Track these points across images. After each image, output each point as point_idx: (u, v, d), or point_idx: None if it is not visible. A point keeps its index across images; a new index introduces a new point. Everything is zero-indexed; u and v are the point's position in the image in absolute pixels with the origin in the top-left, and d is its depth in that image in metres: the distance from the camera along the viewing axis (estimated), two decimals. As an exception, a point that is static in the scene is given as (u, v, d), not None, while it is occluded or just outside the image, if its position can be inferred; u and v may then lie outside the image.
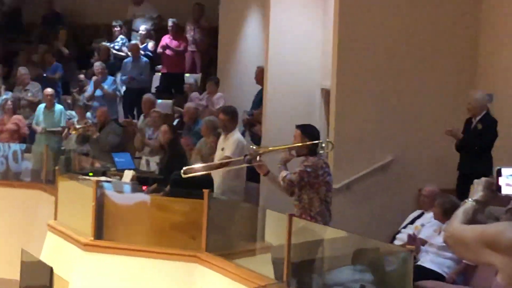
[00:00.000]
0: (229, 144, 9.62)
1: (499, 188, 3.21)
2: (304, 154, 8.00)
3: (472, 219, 3.15)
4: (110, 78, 15.07)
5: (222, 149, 9.73)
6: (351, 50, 9.90)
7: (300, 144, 7.99)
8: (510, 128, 8.85)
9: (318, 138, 8.06)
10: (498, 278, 2.93)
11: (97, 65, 15.18)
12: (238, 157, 9.65)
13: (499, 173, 3.21)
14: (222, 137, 9.89)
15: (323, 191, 7.91)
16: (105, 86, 14.81)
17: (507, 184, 3.19)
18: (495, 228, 2.97)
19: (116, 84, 15.22)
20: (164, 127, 10.58)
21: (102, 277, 8.46)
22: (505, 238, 2.88)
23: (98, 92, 14.80)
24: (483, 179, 3.26)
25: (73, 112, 14.39)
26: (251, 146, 8.14)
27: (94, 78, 15.04)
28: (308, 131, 8.08)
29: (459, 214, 3.17)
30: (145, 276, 8.27)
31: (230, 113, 9.89)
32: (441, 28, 10.03)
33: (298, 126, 8.22)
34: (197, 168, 9.18)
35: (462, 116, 9.34)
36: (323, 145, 8.10)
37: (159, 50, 16.01)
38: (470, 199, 3.22)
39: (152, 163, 11.12)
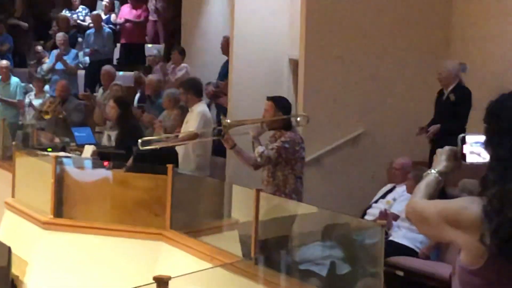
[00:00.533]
0: (192, 118, 9.40)
1: (463, 156, 3.01)
2: (277, 127, 7.71)
3: (435, 192, 2.99)
4: (72, 52, 14.66)
5: (187, 122, 9.51)
6: (319, 19, 9.68)
7: (275, 118, 7.68)
8: (484, 98, 8.61)
9: (290, 111, 7.81)
10: (461, 256, 2.78)
11: (60, 36, 14.75)
12: (204, 132, 9.43)
13: (463, 141, 3.02)
14: (189, 111, 9.65)
15: (299, 168, 7.70)
16: (67, 59, 14.39)
17: (472, 152, 3.01)
18: (457, 205, 2.80)
19: (79, 58, 14.81)
20: (111, 102, 10.32)
21: (62, 256, 8.28)
22: (467, 215, 2.72)
23: (59, 65, 14.37)
24: (446, 148, 3.06)
25: (30, 85, 14.04)
26: (223, 119, 7.76)
27: (55, 50, 14.61)
28: (281, 104, 7.80)
29: (421, 187, 3.00)
30: (108, 255, 8.11)
31: (189, 86, 9.66)
32: (413, -3, 9.84)
33: (270, 98, 7.92)
34: (157, 140, 8.95)
35: (435, 87, 9.14)
36: (299, 119, 7.85)
37: (119, 19, 15.67)
38: (433, 170, 3.03)
39: (113, 138, 10.83)
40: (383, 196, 8.82)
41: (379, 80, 9.70)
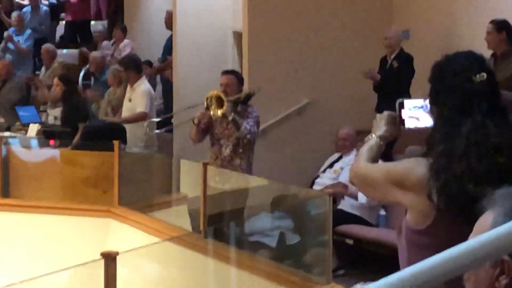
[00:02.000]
0: (137, 97, 9.27)
1: (402, 121, 3.05)
2: (239, 102, 7.55)
3: (377, 156, 3.02)
4: (27, 31, 14.13)
5: (130, 100, 9.40)
6: (261, -9, 9.62)
7: (246, 92, 7.56)
8: (426, 64, 8.67)
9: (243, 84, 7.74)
10: (407, 216, 2.81)
11: (14, 15, 14.34)
12: (151, 109, 9.32)
13: (401, 106, 3.06)
14: (128, 88, 9.53)
15: (254, 144, 7.64)
16: (20, 40, 14.01)
17: (411, 117, 3.05)
18: (402, 166, 2.87)
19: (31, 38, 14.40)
20: (55, 80, 10.21)
21: (11, 236, 8.18)
22: (413, 175, 2.76)
23: (11, 45, 14.01)
24: (385, 113, 3.09)
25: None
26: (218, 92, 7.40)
27: (11, 29, 14.18)
28: (241, 78, 7.72)
29: (364, 152, 3.02)
30: (57, 234, 8.05)
31: (128, 63, 9.54)
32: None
33: (228, 72, 7.76)
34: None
35: (379, 54, 9.18)
36: (255, 92, 7.75)
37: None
38: (373, 135, 3.05)
39: (50, 117, 10.71)
40: (331, 166, 8.84)
41: (323, 50, 9.69)
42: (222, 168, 7.51)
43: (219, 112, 7.20)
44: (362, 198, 8.03)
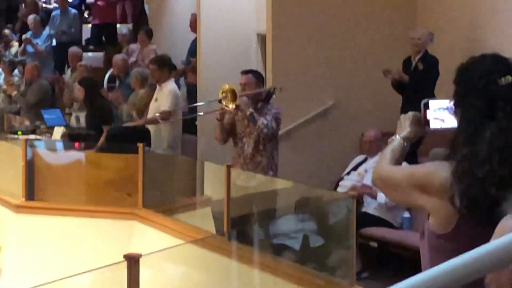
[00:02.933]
0: (163, 96, 9.36)
1: (427, 122, 3.01)
2: (260, 100, 7.61)
3: (400, 158, 2.99)
4: (44, 33, 14.38)
5: (156, 100, 9.45)
6: (285, -7, 9.61)
7: (260, 89, 7.60)
8: (450, 67, 8.62)
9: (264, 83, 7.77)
10: (430, 221, 2.78)
11: (31, 18, 14.51)
12: (175, 109, 9.37)
13: (426, 106, 3.01)
14: (157, 88, 9.58)
15: (277, 142, 7.65)
16: (39, 42, 14.18)
17: (436, 118, 3.00)
18: (425, 169, 2.83)
19: (51, 39, 14.59)
20: (77, 85, 10.26)
21: (36, 239, 8.23)
22: (435, 179, 2.72)
23: (30, 48, 14.17)
24: (410, 113, 3.05)
25: (-1, 69, 13.90)
26: (230, 87, 7.45)
27: (25, 35, 14.32)
28: (260, 77, 7.75)
29: (387, 153, 2.99)
30: (81, 236, 8.07)
31: (160, 62, 9.61)
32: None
33: (247, 72, 7.81)
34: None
35: (403, 56, 9.13)
36: (274, 91, 7.78)
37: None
38: (397, 136, 3.02)
39: (82, 119, 10.76)
40: (355, 168, 8.81)
41: (348, 52, 9.66)
42: (245, 165, 7.55)
43: (232, 105, 7.28)
44: (381, 198, 8.00)
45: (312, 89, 9.58)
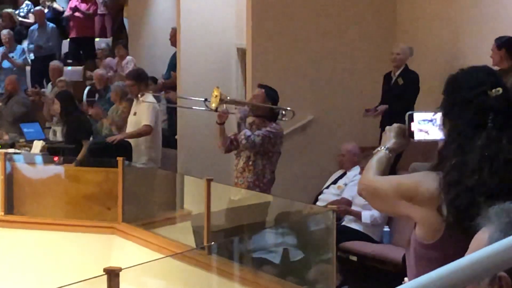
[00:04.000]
0: (143, 111, 9.31)
1: (411, 134, 3.06)
2: (261, 116, 7.64)
3: (386, 168, 3.02)
4: (19, 48, 14.40)
5: (135, 114, 9.43)
6: (265, 7, 9.63)
7: (266, 105, 7.63)
8: (430, 81, 8.68)
9: (277, 104, 7.76)
10: (416, 231, 2.80)
11: (4, 33, 14.50)
12: (155, 123, 9.34)
13: (410, 118, 3.07)
14: (134, 102, 9.56)
15: (274, 160, 7.64)
16: (14, 56, 14.17)
17: (420, 130, 3.05)
18: (412, 179, 2.86)
19: (25, 53, 14.59)
20: (54, 100, 10.23)
21: (16, 253, 8.17)
22: (423, 189, 2.75)
23: (6, 64, 14.12)
24: (395, 125, 3.10)
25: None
26: (216, 90, 7.59)
27: (1, 48, 14.34)
28: (272, 94, 7.75)
29: (373, 164, 3.02)
30: (61, 250, 8.04)
31: (136, 76, 9.57)
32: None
33: (262, 86, 7.89)
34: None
35: (382, 71, 9.17)
36: (284, 113, 7.81)
37: (68, 13, 15.44)
38: (382, 147, 3.06)
39: (59, 133, 10.74)
40: (335, 182, 8.84)
41: (326, 67, 9.69)
42: (236, 178, 7.59)
43: (213, 105, 7.48)
44: (366, 218, 8.04)
45: (291, 103, 9.56)
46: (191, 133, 10.51)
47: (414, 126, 3.05)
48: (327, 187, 8.83)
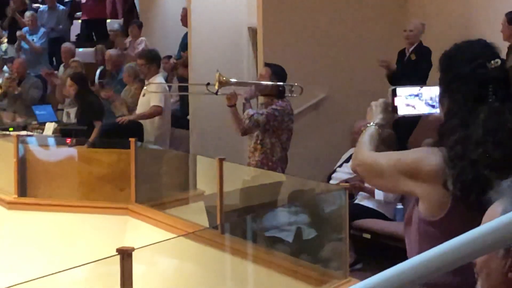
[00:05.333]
0: (152, 91, 9.28)
1: (395, 109, 3.06)
2: (269, 94, 7.63)
3: (378, 144, 2.99)
4: (41, 30, 14.16)
5: (144, 95, 9.42)
6: (276, -14, 9.59)
7: (271, 83, 7.60)
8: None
9: (285, 81, 7.73)
10: (420, 207, 2.76)
11: (28, 14, 14.38)
12: (165, 104, 9.36)
13: (394, 93, 3.06)
14: (145, 83, 9.55)
15: (284, 138, 7.61)
16: (34, 38, 14.06)
17: (407, 104, 3.05)
18: (413, 156, 2.81)
19: (46, 35, 14.42)
20: (68, 81, 10.22)
21: (29, 235, 8.21)
22: (425, 165, 2.71)
23: (25, 45, 14.05)
24: (380, 100, 3.09)
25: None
26: (220, 75, 7.59)
27: (25, 29, 14.19)
28: (278, 72, 7.71)
29: (365, 140, 2.99)
30: (74, 232, 8.07)
31: (148, 56, 9.57)
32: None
33: (267, 64, 7.89)
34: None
35: (395, 48, 9.13)
36: (293, 88, 7.78)
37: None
38: (372, 123, 3.05)
39: (72, 115, 10.74)
40: (347, 160, 8.80)
41: (339, 44, 9.64)
42: (248, 158, 7.58)
43: (216, 87, 7.50)
44: (379, 195, 8.01)
45: (304, 82, 9.52)
46: (203, 114, 10.49)
47: (399, 101, 3.04)
48: (340, 166, 8.80)
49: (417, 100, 3.03)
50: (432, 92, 3.03)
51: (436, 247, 1.45)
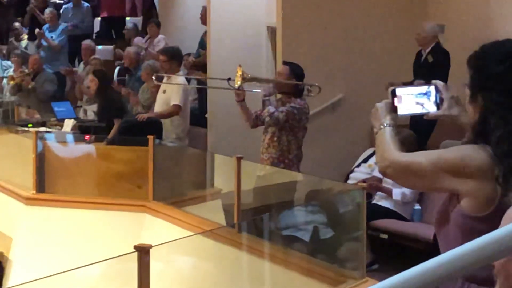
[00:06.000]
0: (173, 89, 9.30)
1: (395, 109, 3.06)
2: (287, 92, 7.66)
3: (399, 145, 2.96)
4: (60, 27, 14.17)
5: (164, 92, 9.42)
6: (296, -14, 9.58)
7: (291, 82, 7.63)
8: (462, 58, 8.60)
9: (303, 80, 7.75)
10: (463, 204, 2.74)
11: (47, 12, 14.42)
12: (185, 103, 9.35)
13: (393, 94, 3.07)
14: (165, 79, 9.55)
15: (300, 136, 7.66)
16: (53, 35, 14.08)
17: (417, 103, 3.06)
18: (457, 153, 2.78)
19: (65, 33, 14.43)
20: (90, 76, 10.24)
21: (46, 231, 8.24)
22: (472, 161, 2.71)
23: (45, 41, 14.08)
24: (384, 101, 3.10)
25: (8, 62, 13.88)
26: (240, 69, 7.63)
27: (39, 28, 14.22)
28: (296, 71, 7.74)
29: (389, 142, 2.96)
30: (91, 228, 8.08)
31: (171, 53, 9.58)
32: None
33: (286, 63, 7.93)
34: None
35: (414, 50, 9.11)
36: (311, 88, 7.80)
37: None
38: (384, 124, 3.04)
39: (89, 112, 10.78)
40: (365, 160, 8.82)
41: (357, 45, 9.64)
42: (262, 154, 7.63)
43: (238, 83, 7.45)
44: (396, 195, 7.99)
45: (322, 82, 9.52)
46: (221, 112, 10.49)
47: (409, 100, 3.05)
48: (358, 166, 8.80)
49: (426, 99, 3.03)
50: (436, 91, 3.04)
51: (454, 249, 1.45)
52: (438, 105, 3.03)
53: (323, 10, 9.61)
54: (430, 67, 8.75)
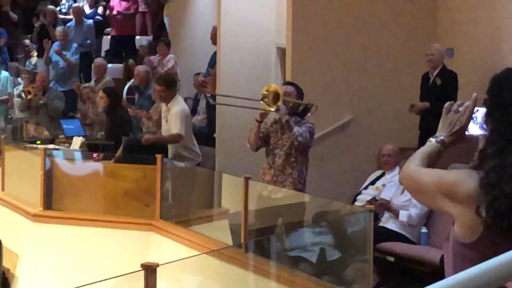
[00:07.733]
0: (172, 118, 9.10)
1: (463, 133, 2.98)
2: (295, 112, 7.67)
3: (432, 161, 2.89)
4: (74, 45, 14.20)
5: (166, 121, 9.25)
6: (306, 7, 9.62)
7: (301, 102, 7.66)
8: (471, 81, 8.62)
9: (303, 99, 7.77)
10: (455, 228, 2.74)
11: (59, 29, 14.45)
12: (185, 129, 9.13)
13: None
14: (164, 107, 9.40)
15: (308, 156, 7.68)
16: (67, 54, 14.06)
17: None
18: (454, 177, 2.75)
19: (79, 51, 14.42)
20: (100, 93, 10.23)
21: (53, 248, 8.23)
22: (463, 187, 2.68)
23: (55, 57, 14.08)
24: (462, 117, 2.97)
25: (19, 79, 13.94)
26: (278, 88, 7.56)
27: (55, 44, 14.22)
28: (300, 91, 7.78)
29: (417, 154, 2.93)
30: (98, 246, 8.06)
31: (167, 81, 9.36)
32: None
33: (289, 83, 7.94)
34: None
35: (422, 71, 9.12)
36: (310, 107, 7.81)
37: (108, 12, 15.52)
38: (437, 138, 2.94)
39: (94, 130, 10.80)
40: (373, 182, 8.80)
41: (367, 67, 9.66)
42: (275, 177, 7.61)
43: (273, 106, 7.40)
44: (402, 216, 7.98)
45: (331, 103, 9.56)
46: (229, 132, 10.51)
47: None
48: (366, 188, 8.79)
49: (471, 123, 2.98)
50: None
51: (468, 269, 1.45)
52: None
53: (333, 32, 9.63)
54: (439, 90, 8.74)
